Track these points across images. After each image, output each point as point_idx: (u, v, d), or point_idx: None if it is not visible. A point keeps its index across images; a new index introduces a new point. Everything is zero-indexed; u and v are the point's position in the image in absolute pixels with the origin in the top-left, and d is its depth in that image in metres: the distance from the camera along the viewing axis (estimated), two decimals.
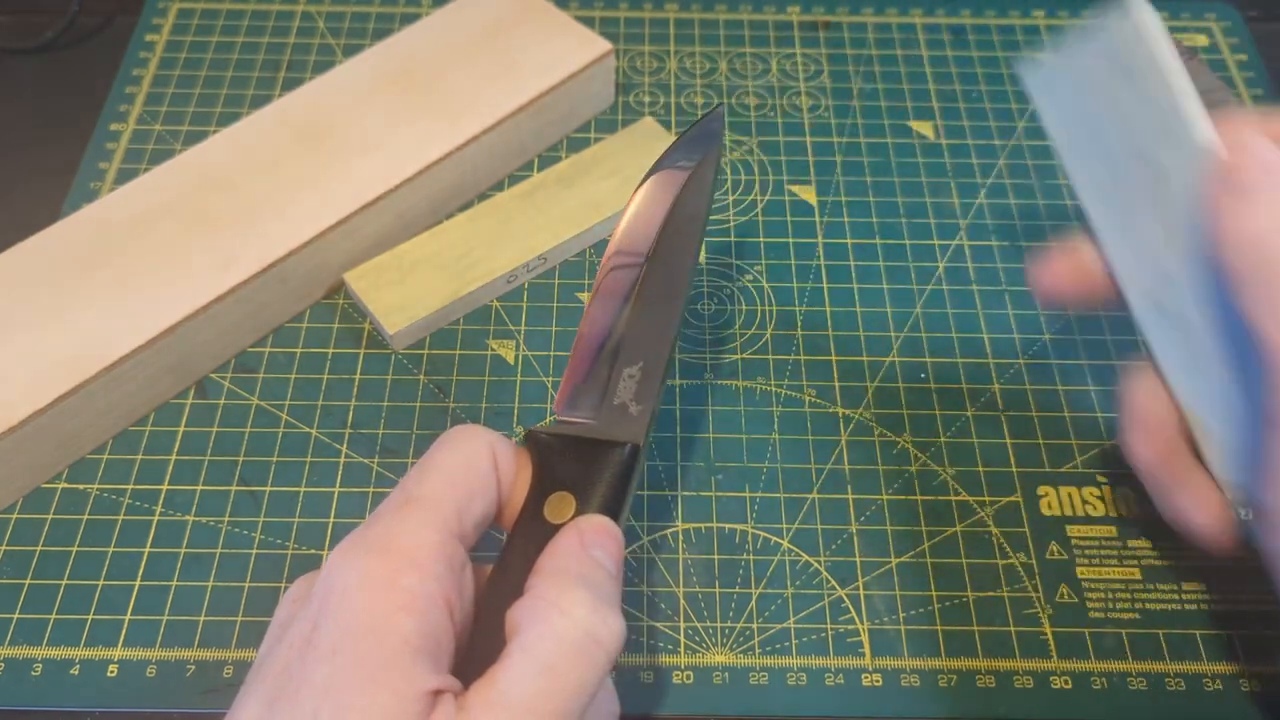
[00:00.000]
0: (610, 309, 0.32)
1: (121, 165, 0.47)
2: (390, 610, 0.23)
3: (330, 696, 0.22)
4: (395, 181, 0.43)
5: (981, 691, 0.34)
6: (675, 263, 0.33)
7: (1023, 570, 0.37)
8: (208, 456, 0.39)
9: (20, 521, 0.38)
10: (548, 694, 0.23)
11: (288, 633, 0.24)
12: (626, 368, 0.31)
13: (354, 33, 0.53)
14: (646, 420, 0.30)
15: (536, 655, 0.23)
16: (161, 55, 0.52)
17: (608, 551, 0.26)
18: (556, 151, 0.49)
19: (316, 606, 0.24)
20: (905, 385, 0.41)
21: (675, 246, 0.33)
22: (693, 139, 0.35)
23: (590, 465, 0.28)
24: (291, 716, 0.23)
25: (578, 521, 0.27)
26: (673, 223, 0.33)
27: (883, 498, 0.38)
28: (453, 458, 0.27)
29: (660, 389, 0.31)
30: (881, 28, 0.54)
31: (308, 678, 0.23)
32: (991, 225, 0.46)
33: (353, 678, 0.23)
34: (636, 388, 0.31)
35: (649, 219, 0.33)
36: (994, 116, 0.50)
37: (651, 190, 0.34)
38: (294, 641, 0.24)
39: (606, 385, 0.31)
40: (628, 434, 0.29)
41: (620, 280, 0.32)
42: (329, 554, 0.25)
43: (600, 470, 0.28)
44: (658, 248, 0.33)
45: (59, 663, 0.35)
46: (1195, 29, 0.54)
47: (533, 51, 0.47)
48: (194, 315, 0.39)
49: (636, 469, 0.29)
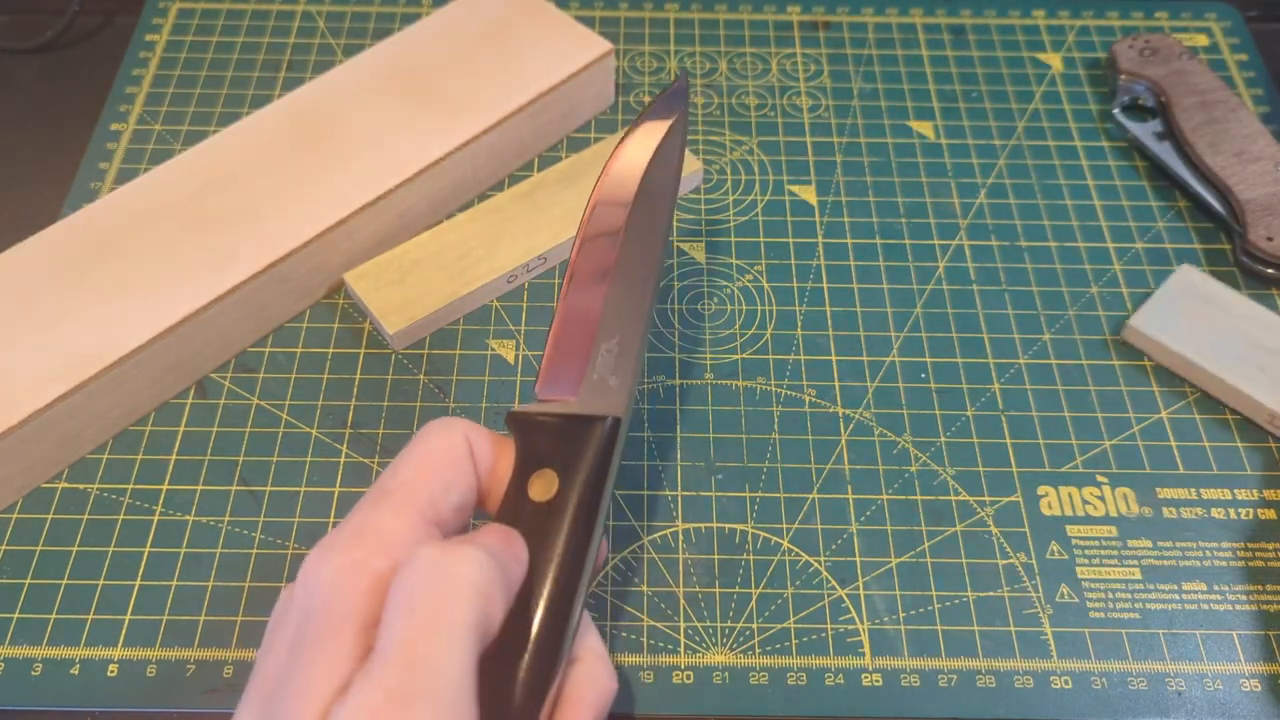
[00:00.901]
0: (586, 286, 0.32)
1: (122, 165, 0.47)
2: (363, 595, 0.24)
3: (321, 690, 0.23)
4: (395, 181, 0.43)
5: (981, 691, 0.34)
6: (648, 235, 0.33)
7: (1023, 570, 0.37)
8: (208, 456, 0.39)
9: (20, 521, 0.38)
10: (416, 624, 0.23)
11: (274, 639, 0.25)
12: (604, 342, 0.31)
13: (354, 33, 0.53)
14: (626, 393, 0.30)
15: (397, 590, 0.23)
16: (162, 55, 0.52)
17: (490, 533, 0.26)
18: (556, 151, 0.49)
19: (299, 607, 0.24)
20: (905, 385, 0.41)
21: (647, 218, 0.33)
22: (660, 108, 0.35)
23: (572, 441, 0.28)
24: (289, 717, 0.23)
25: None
26: (644, 194, 0.33)
27: (883, 498, 0.38)
28: (425, 448, 0.27)
29: (639, 362, 0.31)
30: (881, 28, 0.54)
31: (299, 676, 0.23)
32: (991, 225, 0.46)
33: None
34: (615, 361, 0.31)
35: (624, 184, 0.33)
36: (994, 116, 0.50)
37: (623, 158, 0.34)
38: (280, 646, 0.24)
39: (585, 362, 0.31)
40: (608, 407, 0.29)
41: (595, 257, 0.32)
42: (307, 555, 0.25)
43: (582, 445, 0.28)
44: (631, 218, 0.33)
45: (59, 663, 0.35)
46: (1195, 29, 0.54)
47: (533, 51, 0.47)
48: (194, 315, 0.39)
49: (618, 442, 0.29)
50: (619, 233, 0.33)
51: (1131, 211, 0.47)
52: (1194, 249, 0.45)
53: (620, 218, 0.33)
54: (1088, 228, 0.46)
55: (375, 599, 0.24)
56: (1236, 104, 0.47)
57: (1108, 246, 0.45)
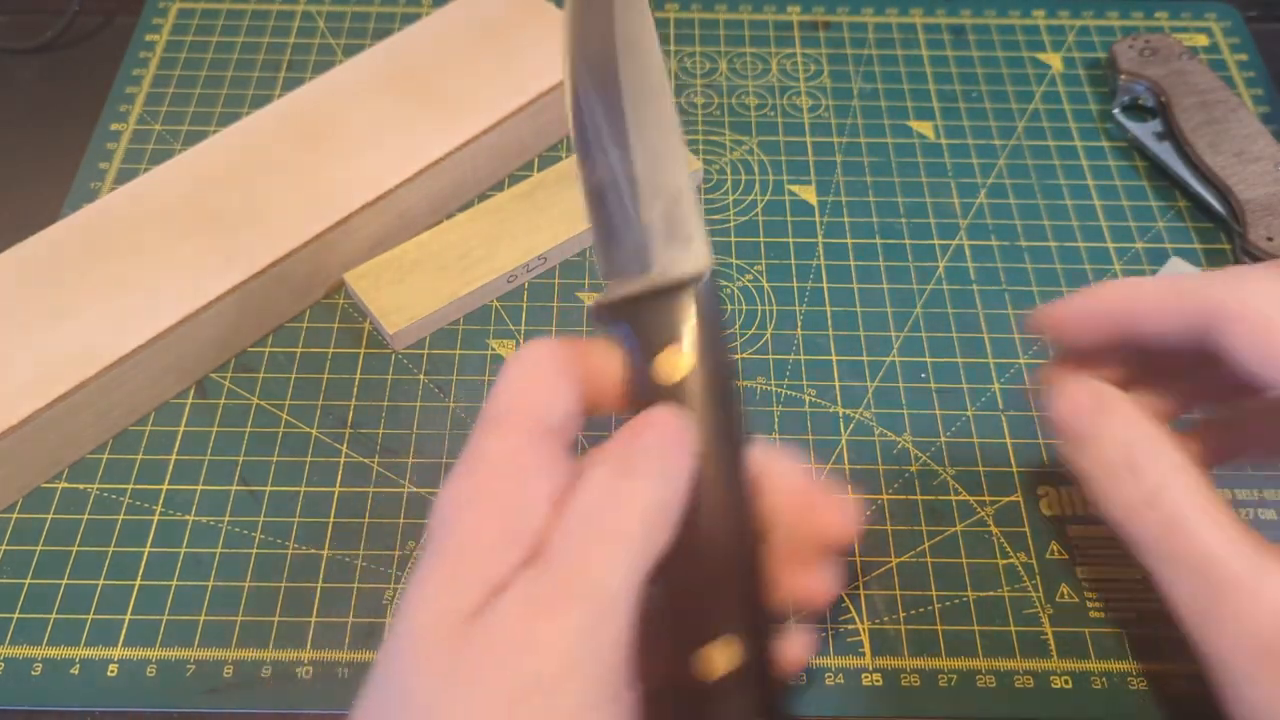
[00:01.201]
0: (604, 149, 0.29)
1: (122, 165, 0.47)
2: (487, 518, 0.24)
3: None
4: (395, 181, 0.43)
5: (981, 691, 0.34)
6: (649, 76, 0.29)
7: (1023, 570, 0.37)
8: (208, 456, 0.39)
9: (20, 521, 0.38)
10: (584, 538, 0.23)
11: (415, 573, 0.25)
12: (654, 202, 0.28)
13: (354, 33, 0.53)
14: (704, 243, 0.27)
15: (569, 509, 0.24)
16: (162, 55, 0.52)
17: (655, 433, 0.25)
18: (556, 151, 0.49)
19: (430, 546, 0.24)
20: (905, 385, 0.41)
21: (639, 72, 0.29)
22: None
23: (674, 312, 0.26)
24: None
25: (633, 421, 0.26)
26: (629, 46, 0.29)
27: (883, 498, 0.38)
28: (514, 375, 0.26)
29: (698, 207, 0.28)
30: (881, 28, 0.54)
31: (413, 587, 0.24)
32: (991, 225, 0.46)
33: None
34: (678, 216, 0.28)
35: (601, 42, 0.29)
36: (994, 116, 0.50)
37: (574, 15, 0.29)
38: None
39: (643, 228, 0.28)
40: (694, 265, 0.27)
41: (599, 114, 0.29)
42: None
43: (688, 312, 0.26)
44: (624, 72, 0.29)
45: (59, 663, 0.35)
46: (1195, 29, 0.54)
47: (533, 51, 0.47)
48: (194, 315, 0.39)
49: (717, 296, 0.27)
50: (613, 86, 0.29)
51: (1131, 211, 0.47)
52: (1194, 249, 0.45)
53: (611, 73, 0.29)
54: (1088, 228, 0.46)
55: (497, 521, 0.24)
56: (1236, 104, 0.47)
57: (1108, 246, 0.45)
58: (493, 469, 0.25)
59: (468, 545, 0.24)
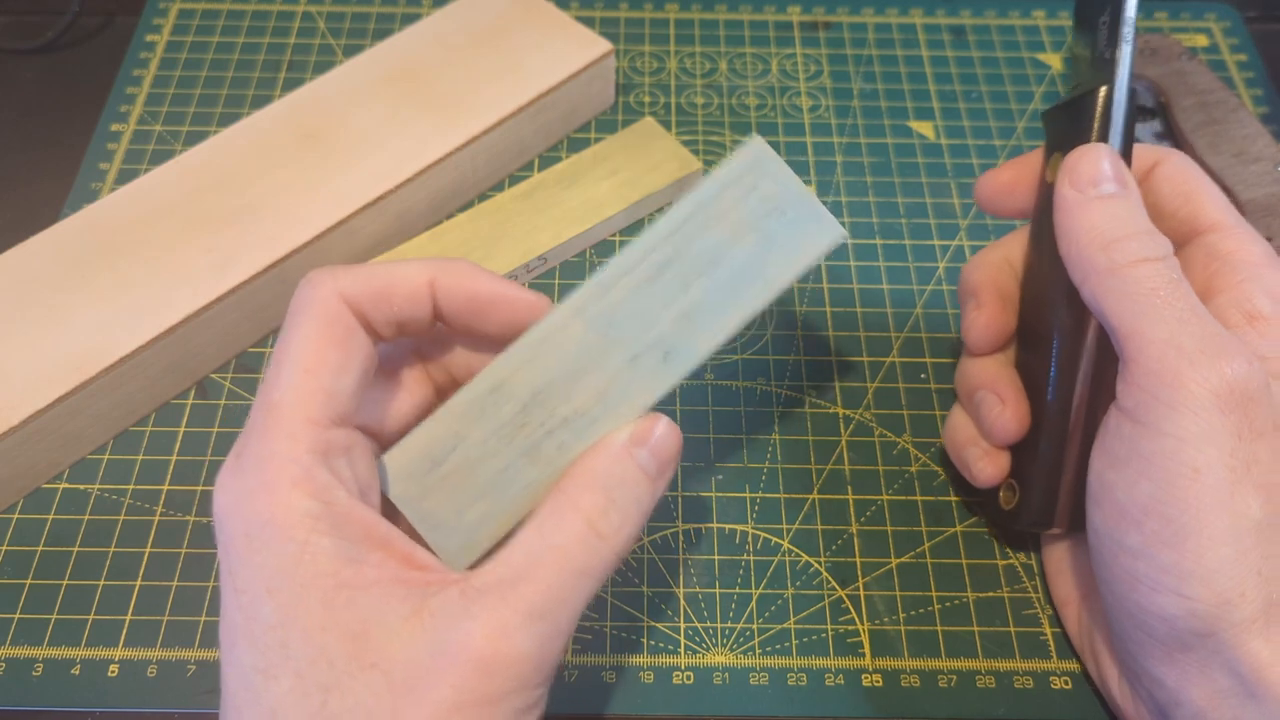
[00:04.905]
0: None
1: (122, 165, 0.47)
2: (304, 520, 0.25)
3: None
4: (395, 181, 0.43)
5: (981, 691, 0.34)
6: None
7: (1023, 570, 0.37)
8: (208, 456, 0.39)
9: (21, 521, 0.38)
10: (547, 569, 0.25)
11: (223, 596, 0.25)
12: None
13: (354, 33, 0.53)
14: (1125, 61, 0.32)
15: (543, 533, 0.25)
16: (162, 55, 0.52)
17: (653, 451, 0.27)
18: (556, 151, 0.49)
19: (221, 560, 0.25)
20: (905, 385, 0.41)
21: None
22: None
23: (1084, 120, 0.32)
24: (252, 657, 0.24)
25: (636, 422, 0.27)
26: None
27: (883, 498, 0.38)
28: (301, 335, 0.25)
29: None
30: (881, 28, 0.54)
31: (256, 618, 0.24)
32: (991, 225, 0.46)
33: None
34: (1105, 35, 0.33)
35: None
36: (994, 116, 0.50)
37: None
38: (227, 601, 0.25)
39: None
40: (1103, 79, 0.32)
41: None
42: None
43: (1088, 121, 0.32)
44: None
45: (59, 663, 0.35)
46: (1195, 29, 0.54)
47: (533, 52, 0.47)
48: (194, 315, 0.39)
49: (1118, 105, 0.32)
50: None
51: None
52: None
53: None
54: None
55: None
56: (1236, 104, 0.47)
57: None
58: (264, 486, 0.25)
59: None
